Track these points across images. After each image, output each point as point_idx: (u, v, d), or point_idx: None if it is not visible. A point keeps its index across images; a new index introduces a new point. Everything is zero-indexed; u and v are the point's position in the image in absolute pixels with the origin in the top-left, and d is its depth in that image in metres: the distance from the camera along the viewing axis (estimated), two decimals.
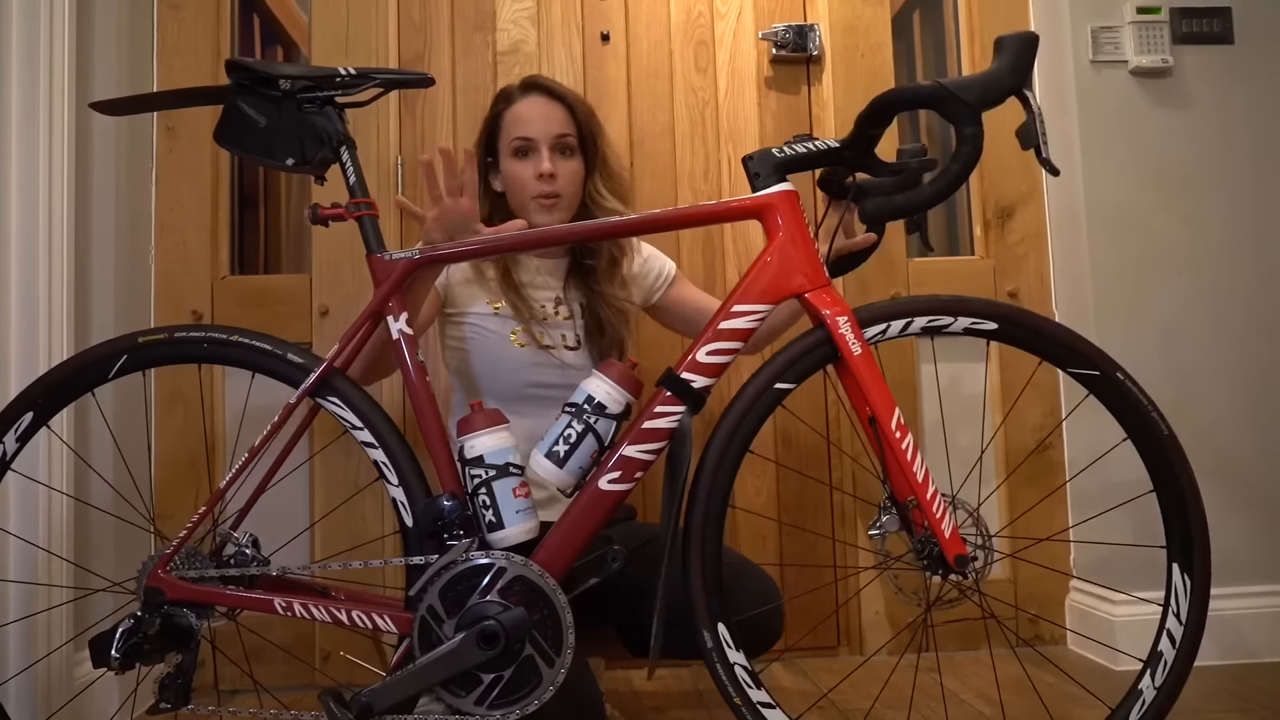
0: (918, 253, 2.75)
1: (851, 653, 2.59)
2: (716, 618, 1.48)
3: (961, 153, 1.38)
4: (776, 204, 1.51)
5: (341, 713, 1.38)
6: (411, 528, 1.49)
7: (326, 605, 1.46)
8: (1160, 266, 2.51)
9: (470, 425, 1.50)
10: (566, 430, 1.49)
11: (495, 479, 1.47)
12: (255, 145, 1.56)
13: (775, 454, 2.60)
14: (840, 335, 1.47)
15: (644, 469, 1.50)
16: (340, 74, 1.56)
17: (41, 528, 1.90)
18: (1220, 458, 2.44)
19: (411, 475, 1.51)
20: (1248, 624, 2.39)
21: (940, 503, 1.44)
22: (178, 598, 1.45)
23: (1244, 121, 2.55)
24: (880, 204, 1.46)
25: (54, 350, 1.93)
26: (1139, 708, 1.48)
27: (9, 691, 1.79)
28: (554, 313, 1.95)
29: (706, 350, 1.49)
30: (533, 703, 1.43)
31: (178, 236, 2.51)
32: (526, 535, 1.49)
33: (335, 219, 1.56)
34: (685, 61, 2.70)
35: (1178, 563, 1.50)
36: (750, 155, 1.54)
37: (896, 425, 1.45)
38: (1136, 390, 1.49)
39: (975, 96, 1.38)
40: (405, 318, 1.53)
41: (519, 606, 1.43)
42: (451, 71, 2.63)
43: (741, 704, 1.47)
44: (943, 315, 1.50)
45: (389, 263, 1.54)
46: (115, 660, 1.40)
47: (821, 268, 1.51)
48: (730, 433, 1.48)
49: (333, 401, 1.52)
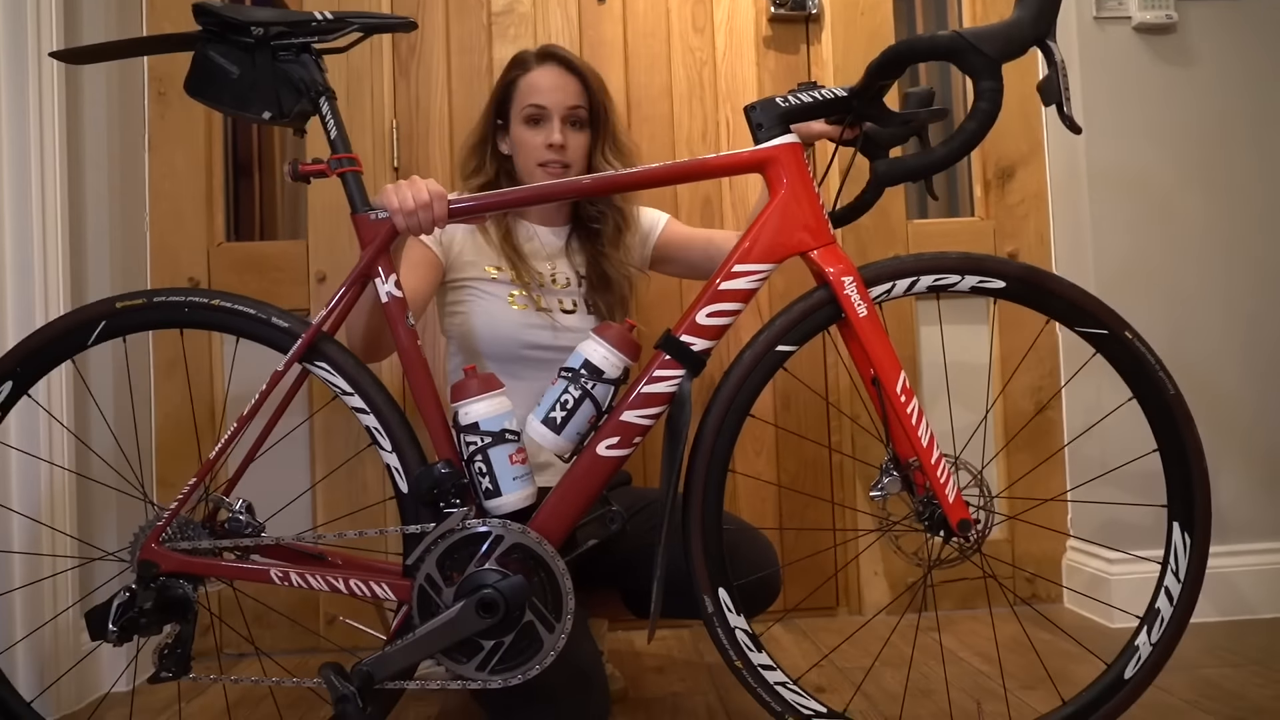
0: (917, 214, 2.73)
1: (850, 613, 2.61)
2: (717, 582, 1.47)
3: (979, 109, 1.31)
4: (780, 157, 1.47)
5: (343, 685, 1.37)
6: (407, 495, 1.47)
7: (324, 574, 1.44)
8: (1162, 226, 2.50)
9: (465, 391, 1.47)
10: (563, 395, 1.46)
11: (491, 445, 1.45)
12: (228, 97, 1.48)
13: (775, 416, 2.59)
14: (845, 296, 1.43)
15: (643, 434, 1.48)
16: (316, 18, 1.48)
17: (43, 497, 1.91)
18: (1218, 416, 2.44)
19: (406, 441, 1.48)
20: (1245, 581, 2.41)
21: (945, 467, 1.42)
22: (172, 569, 1.43)
23: (1248, 78, 2.52)
24: (892, 166, 1.40)
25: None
26: (1135, 662, 1.49)
27: (15, 658, 1.81)
28: (551, 280, 1.93)
29: (706, 312, 1.45)
30: (534, 667, 1.43)
31: (172, 204, 2.49)
32: (524, 502, 1.47)
33: (317, 175, 1.49)
34: (683, 21, 2.65)
35: (1178, 521, 1.49)
36: (753, 105, 1.48)
37: (902, 388, 1.42)
38: (1144, 349, 1.47)
39: (996, 48, 1.29)
40: (395, 279, 1.49)
41: (517, 574, 1.41)
42: (445, 33, 2.59)
43: (743, 667, 1.47)
44: (949, 274, 1.47)
45: (375, 222, 1.50)
46: (112, 633, 1.38)
47: (826, 224, 1.47)
48: (730, 398, 1.46)
49: (321, 367, 1.49)
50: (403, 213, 1.48)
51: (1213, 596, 2.36)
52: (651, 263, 2.10)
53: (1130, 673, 1.49)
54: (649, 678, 2.16)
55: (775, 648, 2.33)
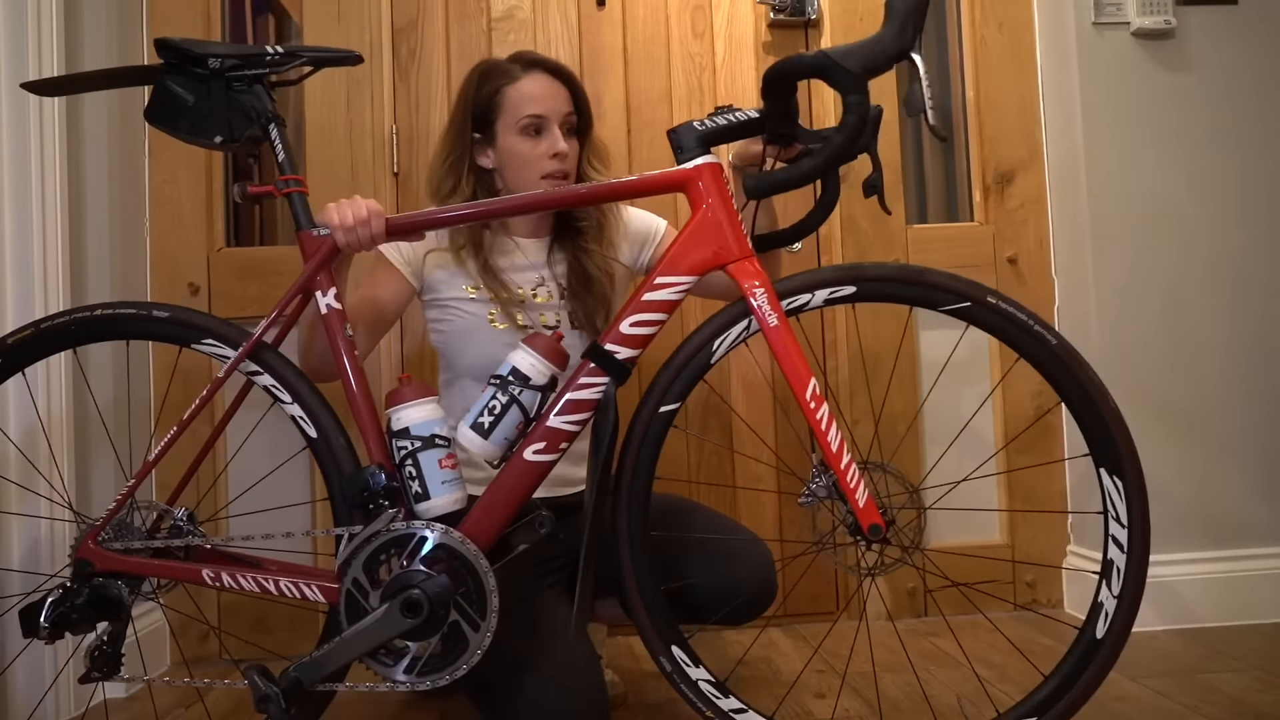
0: (917, 219, 2.71)
1: (850, 618, 2.58)
2: (669, 642, 1.51)
3: (846, 123, 1.37)
4: (699, 176, 1.52)
5: (266, 685, 1.40)
6: (338, 498, 1.50)
7: (255, 575, 1.47)
8: (1162, 230, 2.48)
9: (398, 398, 1.51)
10: (491, 402, 1.49)
11: (421, 450, 1.48)
12: (184, 124, 1.58)
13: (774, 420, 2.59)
14: (756, 307, 1.47)
15: (569, 440, 1.51)
16: (269, 53, 1.57)
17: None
18: (1220, 420, 2.42)
19: (340, 447, 1.53)
20: (1246, 585, 2.39)
21: (855, 472, 1.44)
22: (107, 568, 1.47)
23: (1247, 83, 2.51)
24: (760, 179, 1.45)
25: None
26: (1103, 620, 1.47)
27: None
28: (533, 295, 1.92)
29: (630, 321, 1.49)
30: (461, 668, 1.44)
31: (172, 210, 2.51)
32: (453, 506, 1.50)
33: (264, 197, 1.58)
34: (682, 26, 2.67)
35: (1105, 467, 1.47)
36: (674, 129, 1.54)
37: (812, 395, 1.45)
38: (1014, 309, 1.48)
39: (858, 63, 1.36)
40: (334, 292, 1.56)
41: (442, 574, 1.44)
42: (445, 38, 2.62)
43: (714, 716, 1.50)
44: (802, 292, 1.52)
45: (317, 239, 1.57)
46: (44, 630, 1.42)
47: (745, 239, 1.51)
48: (647, 422, 1.52)
49: (262, 375, 1.54)
50: (342, 229, 1.55)
51: (1214, 601, 2.35)
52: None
53: (1102, 631, 1.47)
54: (648, 683, 2.16)
55: (775, 652, 2.34)
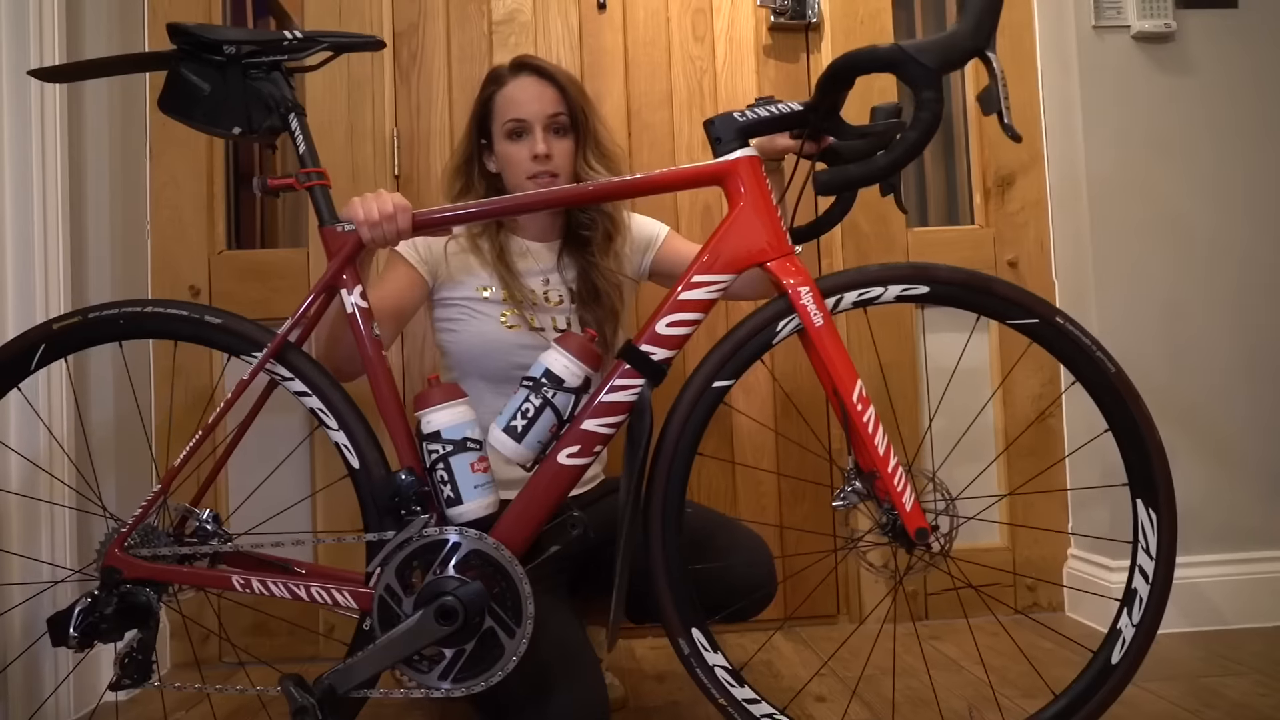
0: (918, 221, 2.71)
1: (851, 621, 2.58)
2: (689, 624, 1.47)
3: (920, 119, 1.31)
4: (738, 170, 1.47)
5: (302, 696, 1.38)
6: (370, 504, 1.47)
7: (286, 581, 1.45)
8: (1162, 234, 2.48)
9: (427, 400, 1.47)
10: (524, 404, 1.46)
11: (453, 454, 1.45)
12: (199, 113, 1.51)
13: (775, 423, 2.58)
14: (802, 305, 1.43)
15: (604, 443, 1.48)
16: (287, 38, 1.51)
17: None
18: (1222, 425, 2.42)
19: (370, 451, 1.49)
20: (1248, 589, 2.39)
21: (901, 476, 1.41)
22: (135, 576, 1.44)
23: (1248, 86, 2.51)
24: (834, 175, 1.40)
25: None
26: (1120, 646, 1.47)
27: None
28: (544, 298, 1.91)
29: (666, 322, 1.45)
30: (496, 674, 1.42)
31: (173, 212, 2.51)
32: (485, 510, 1.47)
33: (285, 189, 1.52)
34: (683, 29, 2.66)
35: (1142, 498, 1.48)
36: (711, 119, 1.49)
37: (858, 397, 1.41)
38: (1079, 332, 1.47)
39: (934, 59, 1.29)
40: (360, 290, 1.51)
41: (476, 580, 1.41)
42: (446, 41, 2.60)
43: (727, 704, 1.48)
44: (873, 286, 1.47)
45: (342, 234, 1.51)
46: (73, 639, 1.40)
47: (784, 236, 1.47)
48: (684, 419, 1.47)
49: (288, 377, 1.51)
50: (368, 224, 1.50)
51: (1216, 604, 2.35)
52: (650, 274, 2.08)
53: (1117, 658, 1.47)
54: (648, 686, 2.15)
55: (776, 655, 2.33)
